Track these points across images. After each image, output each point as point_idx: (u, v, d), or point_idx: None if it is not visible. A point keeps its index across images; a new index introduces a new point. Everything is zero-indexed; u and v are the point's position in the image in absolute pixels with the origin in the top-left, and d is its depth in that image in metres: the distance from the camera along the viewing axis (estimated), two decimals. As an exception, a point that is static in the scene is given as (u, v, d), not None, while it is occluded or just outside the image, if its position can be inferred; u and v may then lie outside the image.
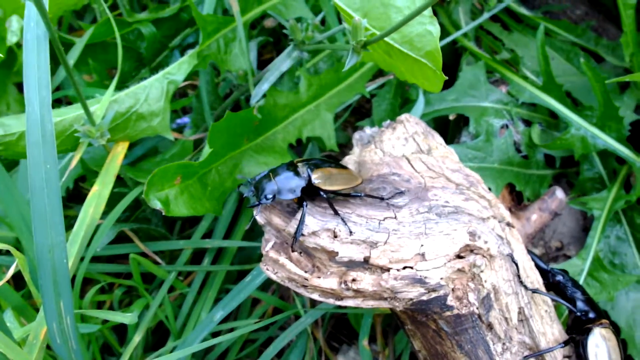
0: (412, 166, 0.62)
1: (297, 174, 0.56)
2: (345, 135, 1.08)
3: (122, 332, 0.90)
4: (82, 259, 0.74)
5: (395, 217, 0.57)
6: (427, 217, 0.57)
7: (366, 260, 0.54)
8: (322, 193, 0.55)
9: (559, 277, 0.64)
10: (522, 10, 1.13)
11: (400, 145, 0.66)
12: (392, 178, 0.61)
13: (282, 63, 0.71)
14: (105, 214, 0.76)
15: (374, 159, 0.64)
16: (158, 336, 0.92)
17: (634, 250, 0.88)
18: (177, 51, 0.95)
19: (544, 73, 0.87)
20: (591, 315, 0.62)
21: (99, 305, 0.90)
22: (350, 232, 0.54)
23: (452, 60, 1.07)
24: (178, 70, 0.73)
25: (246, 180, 0.62)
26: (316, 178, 0.56)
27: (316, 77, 0.89)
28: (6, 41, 0.88)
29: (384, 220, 0.56)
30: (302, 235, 0.54)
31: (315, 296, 0.56)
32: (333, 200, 0.58)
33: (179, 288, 0.88)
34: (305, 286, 0.55)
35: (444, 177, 0.62)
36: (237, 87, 0.83)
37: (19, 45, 0.90)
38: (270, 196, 0.55)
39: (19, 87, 1.07)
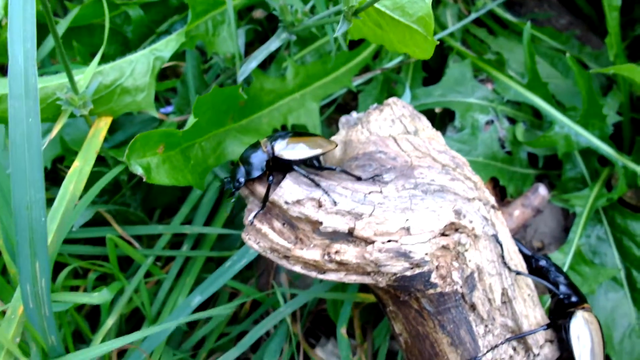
0: (399, 145, 0.62)
1: (260, 150, 0.57)
2: (329, 132, 1.08)
3: (94, 318, 0.87)
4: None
5: (380, 192, 0.56)
6: (413, 193, 0.57)
7: (350, 232, 0.54)
8: (293, 165, 0.56)
9: (542, 262, 0.64)
10: (508, 16, 1.15)
11: (387, 126, 0.65)
12: (378, 156, 0.61)
13: (271, 43, 0.70)
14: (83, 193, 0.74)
15: (360, 138, 0.64)
16: (132, 324, 0.89)
17: (614, 250, 0.89)
18: (165, 37, 0.94)
19: (529, 70, 0.88)
20: (574, 299, 0.62)
21: (72, 290, 0.87)
22: (335, 202, 0.53)
23: (439, 59, 1.08)
24: (165, 47, 0.72)
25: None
26: (279, 149, 0.57)
27: (303, 66, 0.89)
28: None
29: (369, 193, 0.56)
30: (287, 203, 0.53)
31: (298, 268, 0.55)
32: (317, 175, 0.57)
33: (156, 274, 0.86)
34: (287, 257, 0.54)
35: (430, 157, 0.62)
36: (224, 70, 0.82)
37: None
38: (242, 179, 0.56)
39: (2, 69, 1.05)
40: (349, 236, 0.54)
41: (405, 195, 0.56)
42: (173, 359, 0.81)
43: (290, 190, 0.53)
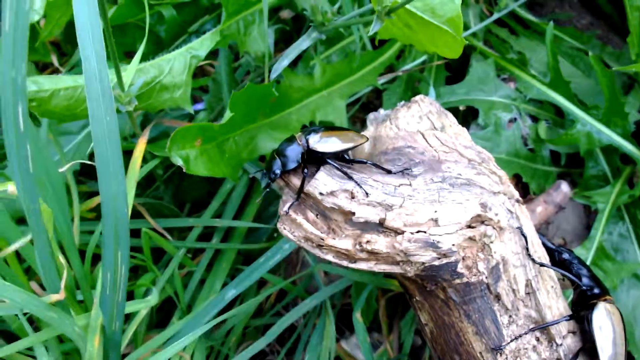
0: (427, 141, 0.64)
1: (295, 143, 0.60)
2: (355, 130, 1.10)
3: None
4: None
5: (410, 185, 0.58)
6: (441, 186, 0.59)
7: (381, 223, 0.56)
8: (326, 158, 0.58)
9: (565, 255, 0.66)
10: (529, 17, 1.16)
11: (414, 123, 0.67)
12: (406, 150, 0.63)
13: (302, 43, 0.73)
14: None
15: (389, 133, 0.66)
16: (162, 316, 0.93)
17: (636, 247, 0.90)
18: (195, 36, 0.97)
19: (551, 69, 0.89)
20: (596, 290, 0.63)
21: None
22: (367, 193, 0.56)
23: (461, 59, 1.09)
24: (201, 45, 0.75)
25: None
26: (313, 143, 0.59)
27: (330, 65, 0.91)
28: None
29: (399, 186, 0.58)
30: (321, 194, 0.55)
31: (330, 257, 0.57)
32: (349, 168, 0.59)
33: (187, 265, 0.89)
34: (320, 246, 0.57)
35: (456, 152, 0.64)
36: (255, 69, 0.85)
37: (39, 22, 0.92)
38: (277, 171, 0.58)
39: (38, 66, 1.09)
40: (380, 227, 0.56)
41: (434, 188, 0.59)
42: (205, 347, 0.84)
43: (324, 182, 0.56)
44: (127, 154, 0.82)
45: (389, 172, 0.60)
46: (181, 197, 0.96)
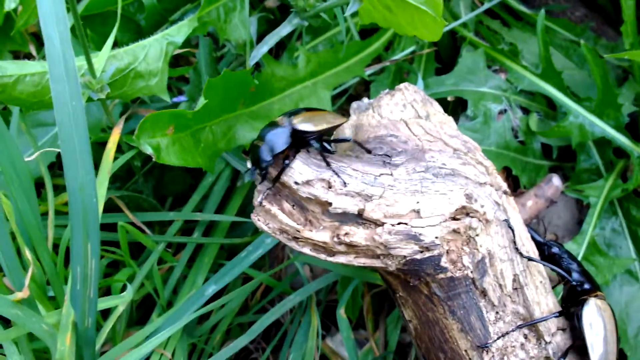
0: (410, 129, 0.62)
1: (279, 125, 0.57)
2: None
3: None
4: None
5: (391, 174, 0.56)
6: (424, 176, 0.57)
7: (360, 214, 0.53)
8: (310, 141, 0.55)
9: (555, 249, 0.63)
10: (522, 8, 1.14)
11: (398, 111, 0.65)
12: (389, 139, 0.60)
13: (282, 28, 0.71)
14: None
15: (371, 122, 0.64)
16: (142, 312, 0.90)
17: (629, 242, 0.88)
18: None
19: (543, 59, 0.87)
20: (586, 286, 0.61)
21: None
22: (345, 183, 0.53)
23: (452, 50, 1.07)
24: (178, 32, 0.72)
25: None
26: (297, 122, 0.56)
27: (315, 54, 0.89)
28: (4, 7, 0.87)
29: (379, 176, 0.55)
30: (296, 183, 0.53)
31: (307, 250, 0.54)
32: (327, 155, 0.57)
33: (168, 261, 0.86)
34: (297, 238, 0.54)
35: (441, 141, 0.61)
36: (236, 58, 0.82)
37: (15, 11, 0.90)
38: (268, 157, 0.54)
39: (14, 54, 1.06)
40: (359, 218, 0.54)
41: (416, 178, 0.56)
42: (187, 345, 0.81)
43: (300, 171, 0.53)
44: (105, 145, 0.79)
45: (369, 152, 0.57)
46: (162, 191, 0.94)
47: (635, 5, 0.87)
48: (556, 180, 0.86)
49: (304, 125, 0.56)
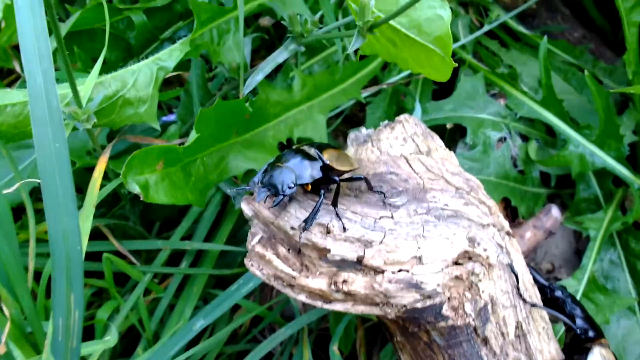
0: (411, 166, 0.59)
1: (309, 155, 0.52)
2: (336, 145, 1.05)
3: (88, 333, 0.84)
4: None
5: (392, 217, 0.53)
6: (426, 219, 0.54)
7: (359, 261, 0.51)
8: (333, 177, 0.52)
9: (558, 293, 0.61)
10: (521, 29, 1.12)
11: (398, 145, 0.62)
12: (389, 177, 0.58)
13: (279, 55, 0.68)
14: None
15: (371, 157, 0.61)
16: (127, 342, 0.86)
17: (627, 275, 0.86)
18: (168, 43, 0.91)
19: (544, 87, 0.85)
20: (590, 333, 0.59)
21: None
22: (344, 228, 0.50)
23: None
24: (169, 56, 0.69)
25: (241, 184, 0.58)
26: (327, 158, 0.52)
27: (310, 77, 0.86)
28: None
29: (379, 219, 0.53)
30: (293, 229, 0.50)
31: (302, 297, 0.52)
32: (332, 197, 0.53)
33: (154, 291, 0.83)
34: (292, 285, 0.51)
35: (443, 179, 0.59)
36: (229, 81, 0.79)
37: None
38: (292, 185, 0.49)
39: (1, 73, 1.02)
40: (358, 265, 0.51)
41: (418, 221, 0.53)
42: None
43: (296, 215, 0.50)
44: (91, 170, 0.76)
45: (381, 193, 0.55)
46: (150, 216, 0.90)
47: (638, 33, 0.86)
48: (555, 211, 0.84)
49: (335, 163, 0.53)
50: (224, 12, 0.77)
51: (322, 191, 0.50)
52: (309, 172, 0.51)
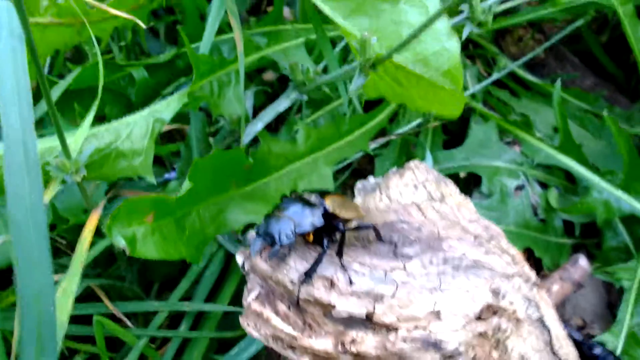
0: (424, 214, 0.54)
1: (309, 202, 0.48)
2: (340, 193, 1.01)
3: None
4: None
5: (404, 268, 0.48)
6: (442, 269, 0.49)
7: (369, 318, 0.45)
8: (338, 225, 0.47)
9: (597, 350, 0.54)
10: (531, 78, 1.10)
11: (409, 193, 0.58)
12: (400, 226, 0.53)
13: (280, 104, 0.65)
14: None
15: (379, 205, 0.56)
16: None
17: (667, 330, 0.78)
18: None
19: (561, 131, 0.81)
20: (639, 398, 0.51)
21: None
22: (351, 281, 0.45)
23: (460, 122, 1.02)
24: (166, 108, 0.67)
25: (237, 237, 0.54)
26: (329, 205, 0.48)
27: (315, 129, 0.83)
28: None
29: (391, 271, 0.47)
30: (293, 283, 0.45)
31: (306, 361, 0.46)
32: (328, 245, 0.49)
33: (151, 357, 0.77)
34: (293, 347, 0.45)
35: (460, 226, 0.54)
36: (231, 133, 0.77)
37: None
38: (291, 234, 0.45)
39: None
40: (368, 322, 0.45)
41: (433, 272, 0.48)
42: None
43: (297, 267, 0.45)
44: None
45: (390, 243, 0.50)
46: (148, 275, 0.85)
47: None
48: (583, 261, 0.78)
49: (339, 210, 0.49)
50: (224, 65, 0.75)
51: (325, 241, 0.45)
52: (310, 220, 0.46)
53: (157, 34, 1.09)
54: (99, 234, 0.76)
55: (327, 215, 0.48)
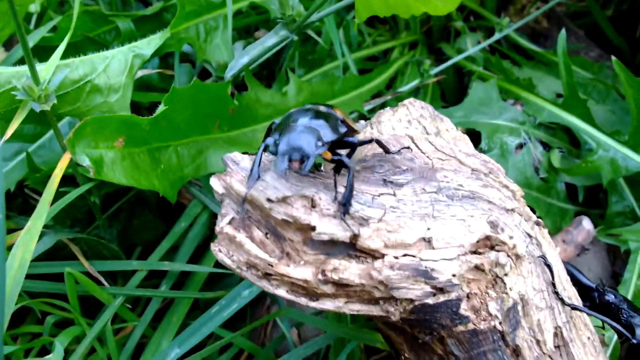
0: (417, 145, 0.50)
1: (322, 112, 0.43)
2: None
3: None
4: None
5: (394, 194, 0.44)
6: (436, 197, 0.44)
7: (353, 243, 0.41)
8: (348, 140, 0.44)
9: (610, 297, 0.49)
10: (533, 46, 1.06)
11: (401, 127, 0.54)
12: (391, 156, 0.49)
13: (267, 39, 0.61)
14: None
15: (369, 137, 0.52)
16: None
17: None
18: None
19: (566, 86, 0.77)
20: (653, 345, 0.47)
21: (24, 336, 0.73)
22: (335, 198, 0.41)
23: (459, 88, 0.98)
24: (147, 45, 0.63)
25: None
26: (340, 114, 0.45)
27: (308, 83, 0.79)
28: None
29: (378, 195, 0.43)
30: (270, 201, 0.40)
31: (282, 292, 0.41)
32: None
33: (128, 319, 0.72)
34: (269, 275, 0.41)
35: (456, 159, 0.50)
36: (216, 80, 0.72)
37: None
38: (321, 144, 0.40)
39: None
40: (351, 249, 0.41)
41: (426, 200, 0.44)
42: None
43: (274, 185, 0.41)
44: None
45: (387, 152, 0.47)
46: (130, 239, 0.81)
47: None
48: (587, 223, 0.73)
49: (348, 120, 0.45)
50: (211, 8, 0.72)
51: (341, 157, 0.41)
52: (331, 131, 0.41)
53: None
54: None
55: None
